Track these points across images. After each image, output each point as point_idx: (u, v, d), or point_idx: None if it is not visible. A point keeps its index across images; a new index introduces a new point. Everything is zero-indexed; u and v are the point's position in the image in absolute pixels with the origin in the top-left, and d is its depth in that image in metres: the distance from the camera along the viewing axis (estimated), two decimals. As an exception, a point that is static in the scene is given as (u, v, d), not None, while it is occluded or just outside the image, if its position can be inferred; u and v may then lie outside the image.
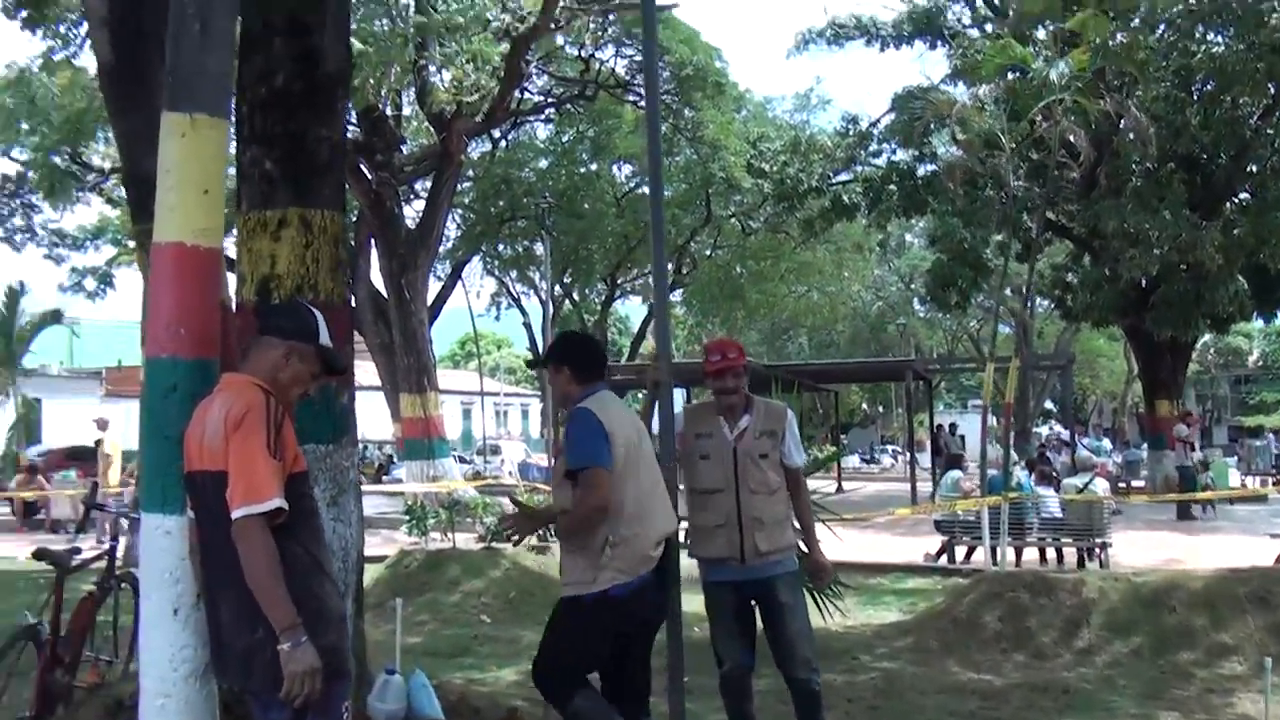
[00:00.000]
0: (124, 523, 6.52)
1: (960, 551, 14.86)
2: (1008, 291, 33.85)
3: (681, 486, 5.74)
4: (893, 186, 24.37)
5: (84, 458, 25.14)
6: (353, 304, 19.46)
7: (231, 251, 9.93)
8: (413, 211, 24.62)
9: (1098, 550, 13.77)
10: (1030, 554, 14.65)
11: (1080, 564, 13.66)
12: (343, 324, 5.33)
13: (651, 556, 4.87)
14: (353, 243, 20.25)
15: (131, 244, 31.54)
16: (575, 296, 44.15)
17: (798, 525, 5.84)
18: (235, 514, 3.50)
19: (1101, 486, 15.17)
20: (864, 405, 65.66)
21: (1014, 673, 8.36)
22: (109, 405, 42.41)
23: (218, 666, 3.83)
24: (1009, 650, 8.86)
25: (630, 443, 4.86)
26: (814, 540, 5.85)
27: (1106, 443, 29.12)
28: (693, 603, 5.93)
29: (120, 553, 6.06)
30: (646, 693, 5.23)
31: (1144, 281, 22.13)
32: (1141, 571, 10.47)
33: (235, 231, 5.65)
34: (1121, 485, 23.21)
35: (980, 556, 13.82)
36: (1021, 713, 7.28)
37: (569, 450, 4.92)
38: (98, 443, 19.25)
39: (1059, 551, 14.42)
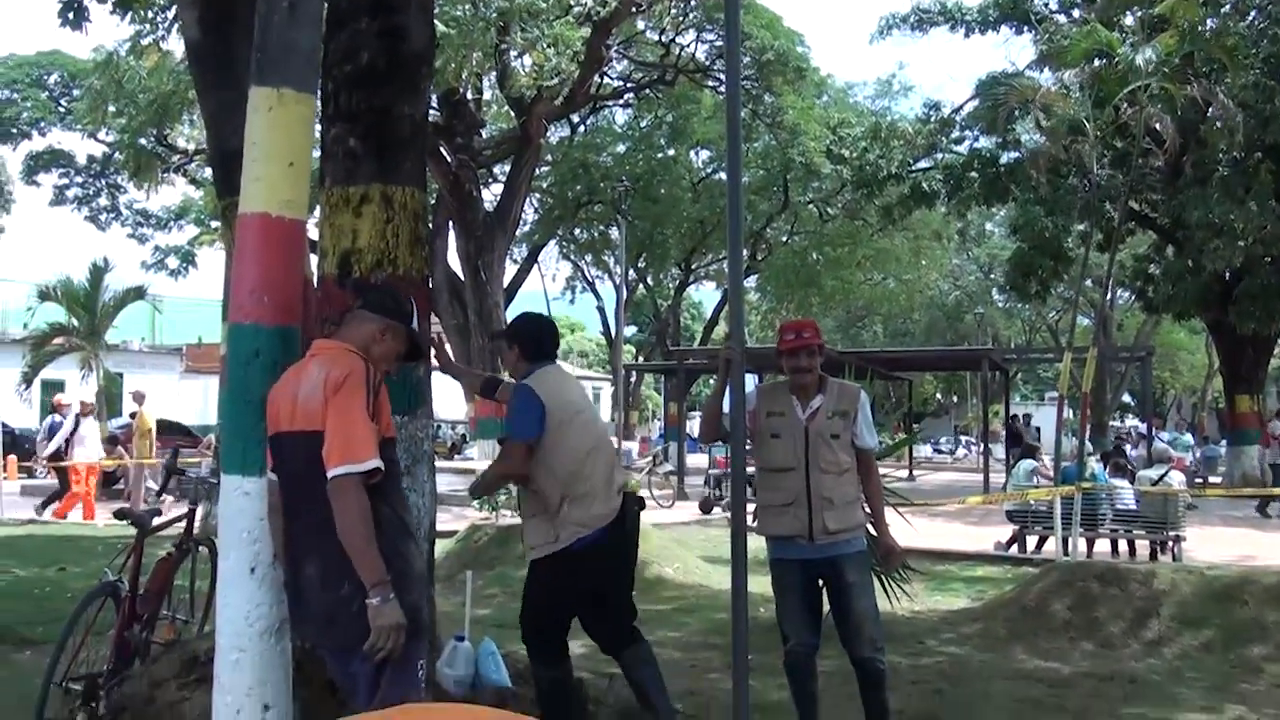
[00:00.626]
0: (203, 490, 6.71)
1: (1031, 542, 14.77)
2: (1088, 282, 33.42)
3: (753, 466, 5.82)
4: (974, 174, 24.22)
5: (163, 431, 25.80)
6: (430, 284, 19.70)
7: (313, 230, 10.16)
8: (491, 195, 24.91)
9: (1171, 543, 13.61)
10: (1102, 546, 14.53)
11: (1153, 557, 13.52)
12: (422, 300, 5.45)
13: (607, 511, 5.10)
14: (431, 224, 20.48)
15: (214, 224, 32.34)
16: (649, 281, 44.35)
17: (867, 508, 5.88)
18: (333, 472, 3.65)
19: (1177, 479, 14.98)
20: (939, 395, 65.18)
21: (1081, 661, 8.32)
22: (188, 381, 43.55)
23: (297, 623, 3.98)
24: (1077, 639, 8.82)
25: (568, 410, 5.14)
26: (884, 523, 5.90)
27: (1188, 437, 28.64)
28: (759, 583, 6.00)
29: (198, 519, 6.21)
30: (630, 623, 5.43)
31: (1227, 274, 21.78)
32: (1215, 566, 10.36)
33: (318, 209, 5.78)
34: (1199, 480, 22.89)
35: (1051, 547, 13.73)
36: (1087, 700, 7.25)
37: (505, 420, 5.27)
38: (133, 415, 19.72)
39: (1131, 544, 14.28)
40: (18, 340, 36.37)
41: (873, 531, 6.05)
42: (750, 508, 5.93)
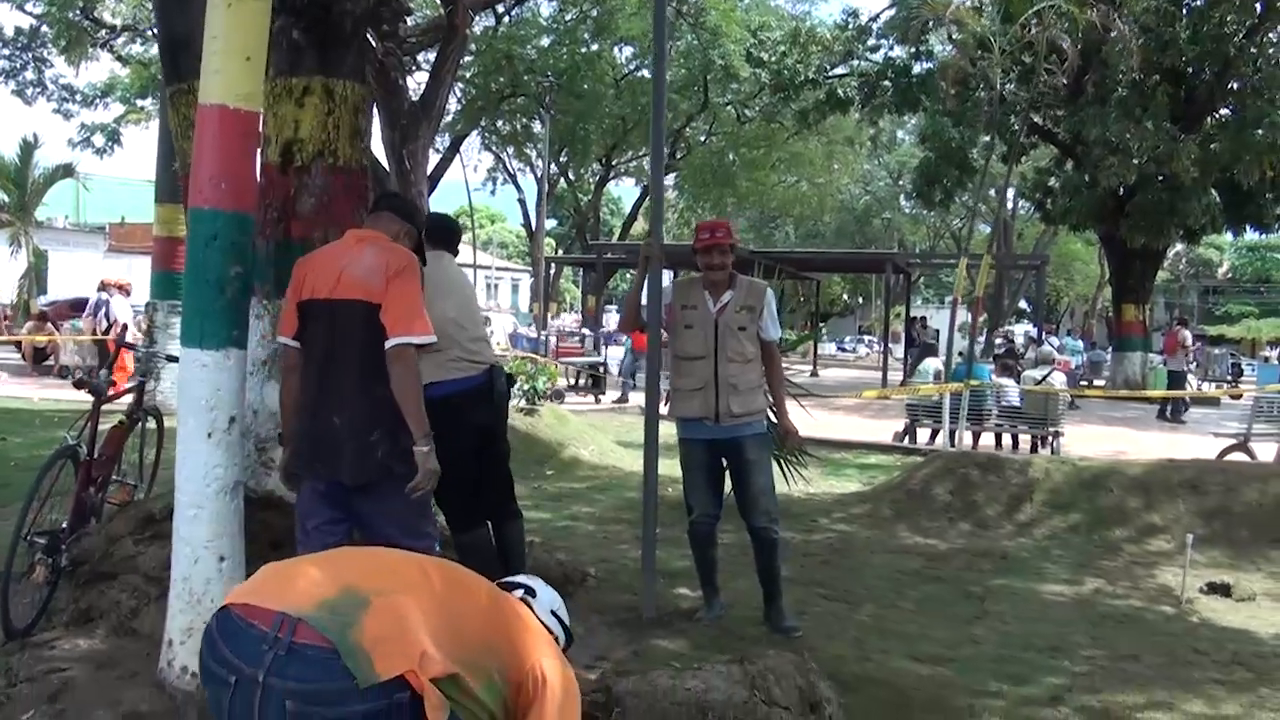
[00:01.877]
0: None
1: (924, 435, 15.57)
2: (990, 192, 34.19)
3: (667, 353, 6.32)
4: (887, 83, 24.62)
5: (80, 308, 25.65)
6: (368, 175, 19.69)
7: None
8: (415, 84, 24.72)
9: (1050, 438, 14.47)
10: (988, 440, 15.40)
11: (1033, 450, 14.34)
12: (359, 188, 5.78)
13: (477, 359, 5.45)
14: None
15: (141, 103, 31.77)
16: (570, 175, 44.29)
17: (770, 395, 6.38)
18: (396, 341, 4.17)
19: (1059, 380, 15.85)
20: (845, 296, 66.22)
21: (958, 539, 9.03)
22: (111, 259, 42.92)
23: (316, 463, 4.43)
24: (955, 520, 9.55)
25: (439, 280, 5.26)
26: (784, 408, 6.38)
27: (1079, 342, 29.71)
28: (668, 465, 6.49)
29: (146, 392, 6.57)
30: (508, 498, 5.85)
31: (1121, 189, 22.56)
32: (1087, 458, 11.13)
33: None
34: (1084, 383, 23.95)
35: (941, 440, 14.52)
36: (960, 572, 7.92)
37: None
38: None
39: (1015, 438, 15.17)
40: (-52, 217, 35.56)
41: (773, 416, 6.59)
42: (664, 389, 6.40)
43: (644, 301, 6.25)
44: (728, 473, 6.23)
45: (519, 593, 3.15)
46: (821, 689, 3.53)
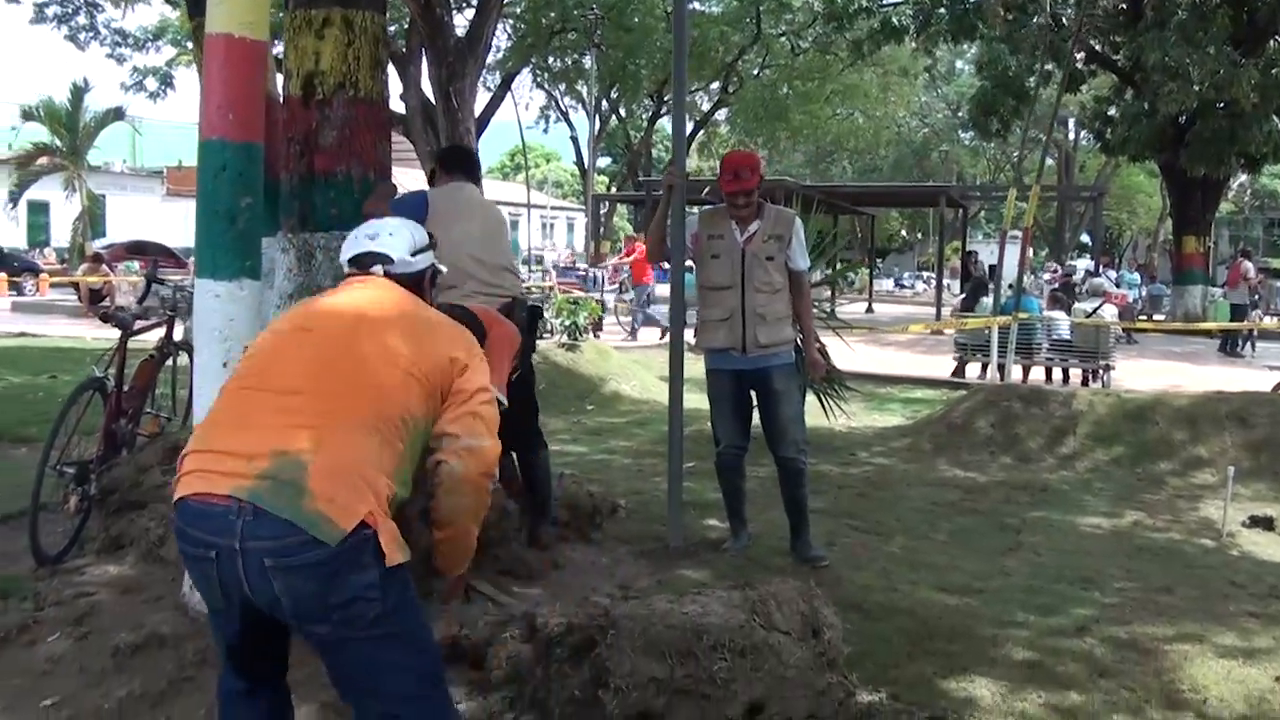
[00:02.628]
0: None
1: (976, 369, 15.41)
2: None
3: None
4: (942, 10, 24.13)
5: (145, 251, 26.14)
6: (404, 110, 19.68)
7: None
8: (462, 20, 24.65)
9: (1101, 372, 14.28)
10: (1039, 375, 15.22)
11: (1084, 385, 14.17)
12: (380, 120, 5.76)
13: (497, 292, 5.38)
14: (404, 49, 20.40)
15: (190, 45, 31.94)
16: (622, 111, 44.04)
17: (798, 325, 6.31)
18: None
19: (1110, 313, 15.61)
20: (903, 232, 65.60)
21: (998, 472, 8.96)
22: (170, 203, 43.64)
23: None
24: (997, 453, 9.48)
25: (452, 207, 5.36)
26: (810, 339, 6.35)
27: (1136, 275, 29.20)
28: (704, 400, 6.47)
29: (178, 326, 6.63)
30: (533, 428, 5.77)
31: (1181, 117, 22.02)
32: (1134, 391, 10.97)
33: (283, 31, 6.00)
34: (1142, 317, 23.57)
35: (991, 374, 14.37)
36: (998, 505, 7.86)
37: None
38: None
39: (1065, 372, 14.98)
40: (2, 161, 36.42)
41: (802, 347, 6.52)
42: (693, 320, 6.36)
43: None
44: (755, 404, 6.18)
45: (377, 268, 3.17)
46: (825, 615, 3.52)
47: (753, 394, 6.14)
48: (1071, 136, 41.62)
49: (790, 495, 6.10)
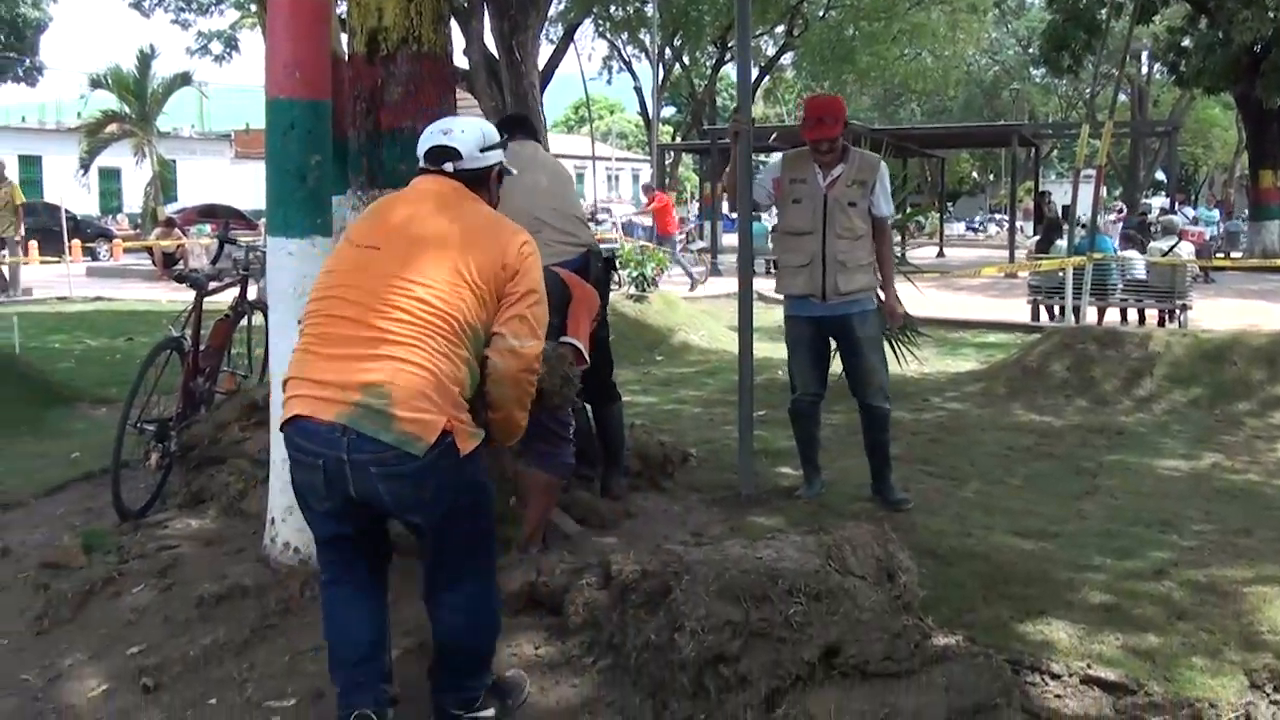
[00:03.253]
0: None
1: (1054, 311, 15.20)
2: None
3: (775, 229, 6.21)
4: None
5: (216, 214, 26.51)
6: (468, 65, 19.65)
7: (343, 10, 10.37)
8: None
9: (1177, 312, 14.03)
10: (1114, 317, 14.97)
11: (1160, 325, 13.94)
12: (442, 74, 5.76)
13: (572, 242, 5.41)
14: (466, 4, 20.36)
15: (254, 7, 32.26)
16: (685, 59, 43.67)
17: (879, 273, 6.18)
18: None
19: (1186, 251, 15.28)
20: (974, 174, 64.65)
21: (1074, 416, 8.85)
22: (239, 166, 44.26)
23: None
24: (1072, 396, 9.36)
25: (518, 162, 5.02)
26: (891, 286, 6.22)
27: (1214, 212, 28.56)
28: (778, 348, 6.43)
29: (252, 286, 6.72)
30: (608, 380, 5.77)
31: (1256, 46, 21.38)
32: (1211, 330, 10.77)
33: None
34: (1219, 255, 23.10)
35: (1066, 317, 14.16)
36: (1073, 449, 7.77)
37: None
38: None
39: (1141, 313, 14.72)
40: (73, 129, 37.10)
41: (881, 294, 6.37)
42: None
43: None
44: (836, 352, 6.15)
45: (447, 165, 3.45)
46: (900, 559, 3.51)
47: (832, 341, 6.10)
48: (1145, 70, 40.58)
49: (874, 440, 6.08)
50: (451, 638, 3.39)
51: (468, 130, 3.52)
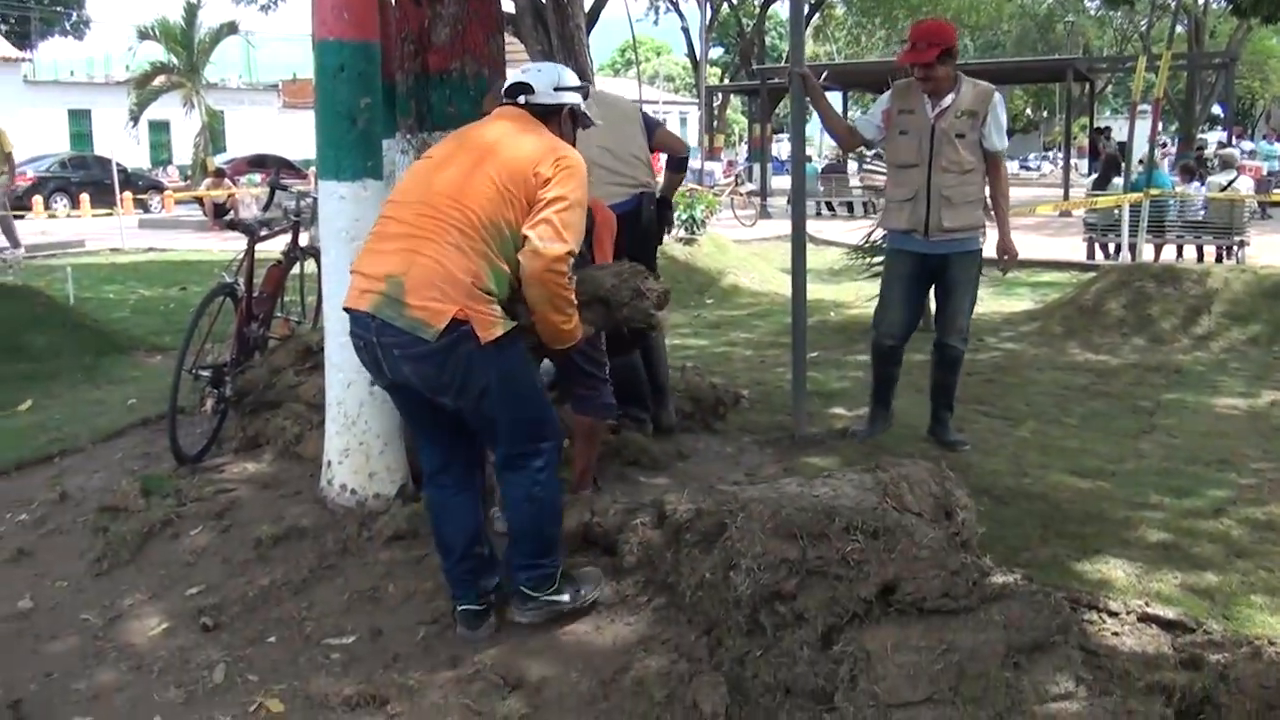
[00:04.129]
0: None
1: (1108, 249, 14.99)
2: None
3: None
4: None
5: (265, 164, 26.65)
6: (514, 9, 19.49)
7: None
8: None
9: (1236, 248, 13.78)
10: (1171, 254, 14.75)
11: (1218, 261, 13.70)
12: (489, 15, 5.70)
13: (625, 184, 5.41)
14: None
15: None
16: (733, -1, 43.20)
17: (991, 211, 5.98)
18: None
19: (1245, 185, 14.99)
20: (1028, 111, 63.65)
21: (1130, 354, 8.76)
22: (286, 115, 44.44)
23: None
24: (1129, 335, 9.26)
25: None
26: (1005, 226, 5.90)
27: (1276, 146, 27.87)
28: (832, 290, 6.35)
29: (303, 233, 6.72)
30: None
31: (1318, -28, 20.72)
32: (1270, 266, 10.59)
33: None
34: (1277, 190, 22.61)
35: (1122, 254, 13.97)
36: (1130, 388, 7.69)
37: None
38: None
39: (1199, 250, 14.47)
40: (121, 82, 37.38)
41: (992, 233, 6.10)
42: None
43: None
44: (932, 292, 5.96)
45: (521, 98, 3.74)
46: (957, 496, 3.47)
47: (930, 282, 5.91)
48: (1201, 1, 39.74)
49: (943, 381, 5.99)
50: (515, 516, 3.69)
51: (545, 70, 3.82)
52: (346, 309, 3.52)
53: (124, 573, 4.27)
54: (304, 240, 6.71)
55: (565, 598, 3.73)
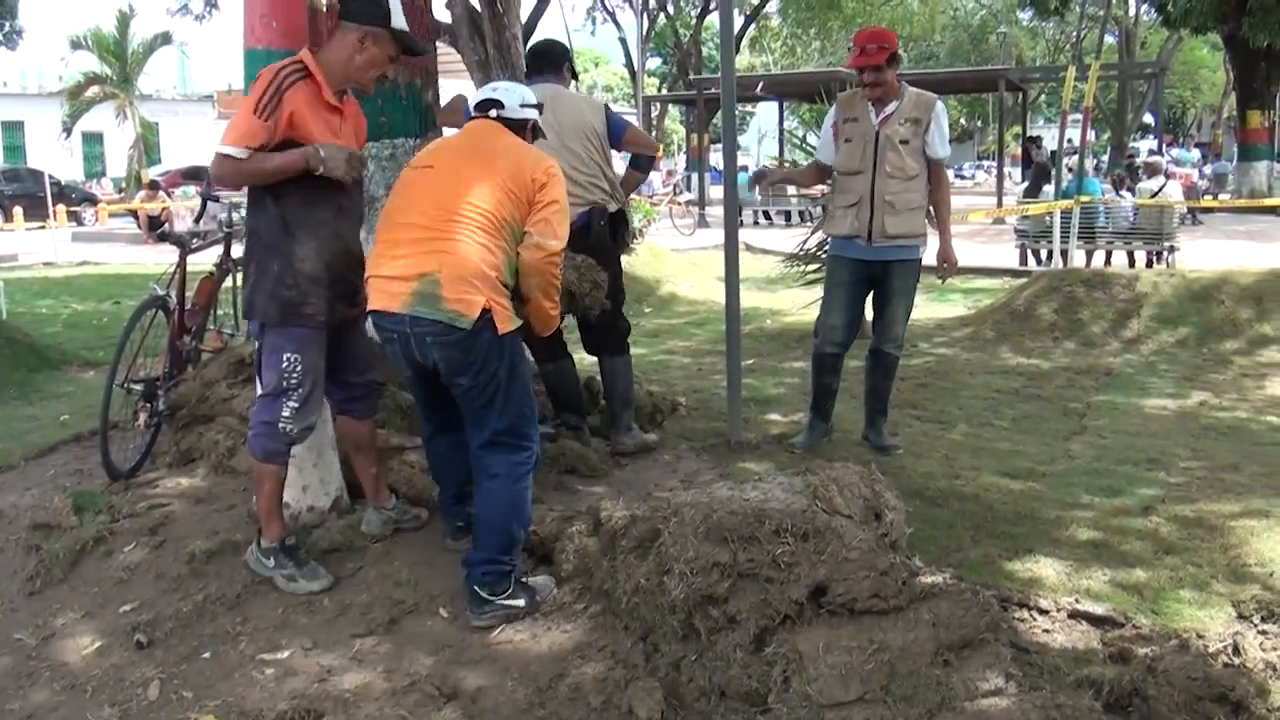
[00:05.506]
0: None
1: (1042, 256, 15.19)
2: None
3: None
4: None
5: (200, 176, 26.37)
6: (450, 19, 19.43)
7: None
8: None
9: (1165, 253, 14.04)
10: (1102, 259, 14.98)
11: (1149, 266, 13.95)
12: (423, 27, 5.69)
13: (575, 198, 5.24)
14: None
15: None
16: (670, 9, 43.35)
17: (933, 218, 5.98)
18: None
19: (1175, 191, 15.28)
20: (962, 120, 64.39)
21: (1062, 358, 8.90)
22: (222, 125, 43.99)
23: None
24: (1060, 339, 9.41)
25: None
26: (947, 234, 5.90)
27: (1196, 153, 28.44)
28: (767, 299, 6.39)
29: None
30: (615, 331, 5.70)
31: (1244, -16, 21.26)
32: (1198, 270, 10.79)
33: None
34: (1208, 196, 23.10)
35: (1054, 261, 14.18)
36: (1061, 390, 7.82)
37: None
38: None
39: (1130, 255, 14.73)
40: (55, 93, 36.87)
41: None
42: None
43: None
44: (869, 299, 5.97)
45: (492, 112, 4.14)
46: (887, 498, 3.52)
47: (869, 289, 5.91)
48: (1132, 11, 40.34)
49: (878, 386, 6.03)
50: (485, 504, 3.93)
51: (510, 90, 4.23)
52: (374, 311, 3.90)
53: (57, 591, 4.21)
54: (237, 252, 6.65)
55: (520, 603, 3.86)
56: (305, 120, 3.96)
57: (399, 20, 4.08)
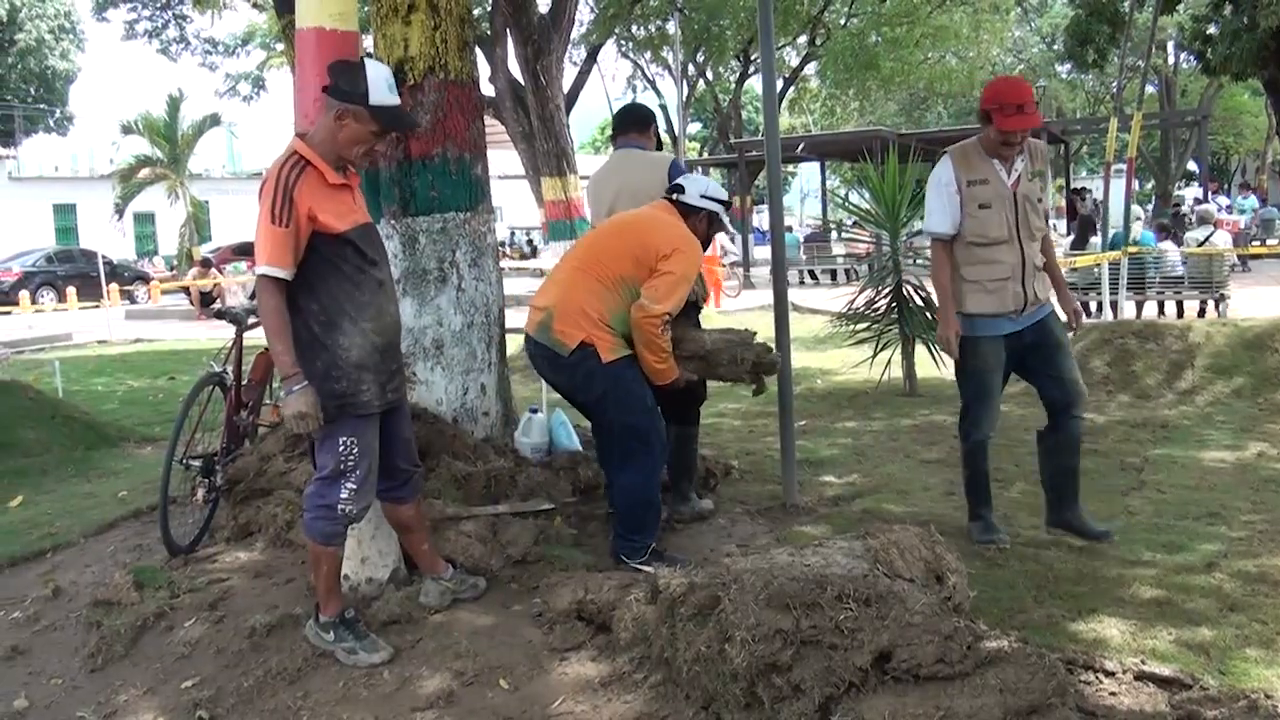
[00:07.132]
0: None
1: (1091, 308, 15.08)
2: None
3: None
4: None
5: (251, 252, 26.89)
6: (493, 92, 19.74)
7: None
8: (544, -2, 24.70)
9: (1216, 302, 13.90)
10: (1153, 310, 14.85)
11: (1200, 316, 13.81)
12: (469, 100, 5.80)
13: None
14: (489, 31, 20.48)
15: (279, 46, 32.79)
16: (709, 75, 43.72)
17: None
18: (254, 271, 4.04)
19: (1222, 240, 15.16)
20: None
21: (1116, 411, 8.79)
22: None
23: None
24: (1114, 392, 9.30)
25: (600, 182, 5.93)
26: (1064, 284, 5.51)
27: (1254, 199, 28.13)
28: (818, 358, 6.38)
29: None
30: (690, 404, 5.70)
31: (1282, 30, 21.09)
32: (1251, 318, 10.67)
33: (371, 20, 6.06)
34: (1256, 242, 22.86)
35: (1104, 313, 14.07)
36: (1117, 444, 7.71)
37: None
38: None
39: (1179, 305, 14.59)
40: (106, 175, 37.73)
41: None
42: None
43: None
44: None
45: (674, 195, 5.10)
46: (948, 560, 3.49)
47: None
48: (1171, 60, 40.34)
49: (1072, 462, 5.43)
50: (619, 500, 4.98)
51: (698, 180, 5.20)
52: (526, 330, 4.91)
53: (118, 667, 4.25)
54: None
55: (652, 569, 4.24)
56: (321, 210, 3.95)
57: (378, 97, 4.00)
